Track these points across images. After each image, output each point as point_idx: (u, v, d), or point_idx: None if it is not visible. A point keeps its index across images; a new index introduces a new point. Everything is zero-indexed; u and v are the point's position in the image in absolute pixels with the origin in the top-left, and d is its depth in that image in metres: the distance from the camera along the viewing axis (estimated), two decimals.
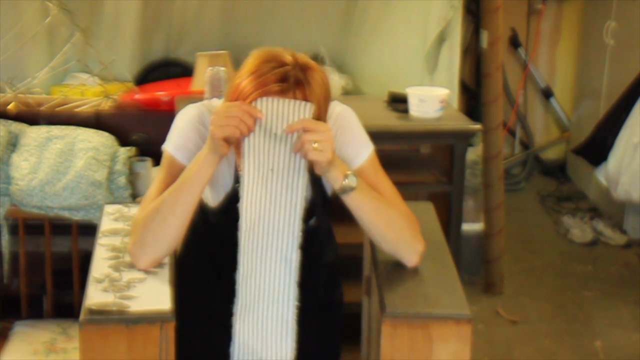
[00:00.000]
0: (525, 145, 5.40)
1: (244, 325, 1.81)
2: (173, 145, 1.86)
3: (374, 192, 1.84)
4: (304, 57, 1.78)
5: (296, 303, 1.79)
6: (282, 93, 1.74)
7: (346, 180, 1.77)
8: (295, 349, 1.82)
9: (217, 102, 1.92)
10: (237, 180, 1.82)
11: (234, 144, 1.76)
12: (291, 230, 1.76)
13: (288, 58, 1.76)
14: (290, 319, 1.80)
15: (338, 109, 1.93)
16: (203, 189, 1.78)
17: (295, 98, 1.74)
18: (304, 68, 1.76)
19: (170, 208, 1.77)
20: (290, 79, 1.74)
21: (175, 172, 1.83)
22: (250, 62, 1.77)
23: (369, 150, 1.90)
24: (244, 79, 1.75)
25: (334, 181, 1.77)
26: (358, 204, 1.80)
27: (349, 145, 1.89)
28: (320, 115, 1.78)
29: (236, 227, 1.90)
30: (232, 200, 1.82)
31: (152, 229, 1.78)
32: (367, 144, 1.91)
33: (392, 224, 1.84)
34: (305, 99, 1.75)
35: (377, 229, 1.85)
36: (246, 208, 1.75)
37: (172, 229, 1.78)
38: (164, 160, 1.87)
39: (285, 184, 1.74)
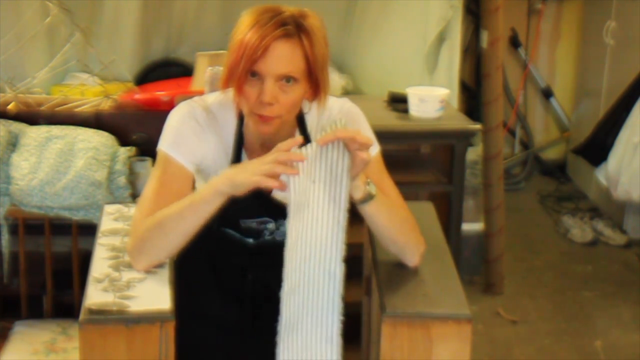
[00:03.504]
0: (525, 145, 5.40)
1: (289, 343, 1.70)
2: (168, 144, 1.84)
3: (386, 197, 1.82)
4: (296, 7, 1.77)
5: (341, 317, 1.70)
6: (287, 37, 1.72)
7: (367, 187, 1.74)
8: None
9: (210, 97, 1.91)
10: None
11: None
12: (335, 243, 1.68)
13: (283, 8, 1.75)
14: (335, 334, 1.70)
15: (348, 105, 1.93)
16: (211, 214, 1.74)
17: (301, 43, 1.73)
18: (301, 15, 1.75)
19: (175, 226, 1.74)
20: (292, 24, 1.73)
21: (172, 171, 1.83)
22: (246, 19, 1.75)
23: (375, 149, 1.90)
24: (247, 33, 1.72)
25: (356, 190, 1.73)
26: (376, 211, 1.78)
27: None
28: (324, 62, 1.78)
29: (232, 227, 1.90)
30: (231, 201, 1.81)
31: (152, 240, 1.77)
32: (374, 143, 1.91)
33: (402, 228, 1.84)
34: (311, 43, 1.73)
35: (390, 233, 1.84)
36: (292, 225, 1.68)
37: (174, 243, 1.77)
38: (159, 160, 1.85)
39: (329, 195, 1.67)
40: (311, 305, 1.68)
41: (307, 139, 1.89)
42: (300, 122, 1.89)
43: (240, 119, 1.86)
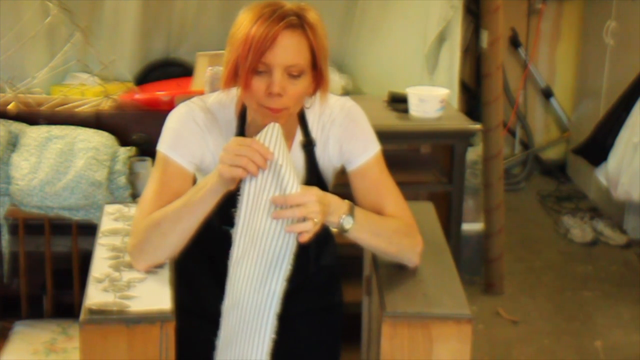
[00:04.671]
0: (525, 145, 5.40)
1: (226, 357, 1.73)
2: (166, 145, 1.84)
3: (371, 216, 1.83)
4: (294, 2, 1.78)
5: (273, 336, 1.70)
6: (293, 28, 1.73)
7: (341, 222, 1.75)
8: None
9: (209, 97, 1.91)
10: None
11: None
12: (280, 264, 1.69)
13: (282, 2, 1.76)
14: (264, 353, 1.70)
15: (350, 104, 1.94)
16: (207, 214, 1.75)
17: (305, 34, 1.74)
18: (301, 8, 1.76)
19: (171, 226, 1.75)
20: (295, 17, 1.74)
21: (171, 172, 1.83)
22: (247, 15, 1.75)
23: (376, 149, 1.91)
24: (252, 27, 1.72)
25: (330, 224, 1.76)
26: (357, 237, 1.80)
27: (358, 139, 1.90)
28: (326, 54, 1.79)
29: (233, 225, 1.90)
30: (230, 199, 1.81)
31: (151, 240, 1.78)
32: (375, 142, 1.92)
33: (391, 241, 1.84)
34: (314, 34, 1.75)
35: (378, 249, 1.86)
36: (240, 236, 1.70)
37: (172, 243, 1.78)
38: (158, 161, 1.85)
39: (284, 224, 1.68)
40: (249, 321, 1.70)
41: (308, 135, 1.89)
42: (302, 118, 1.89)
43: (241, 117, 1.86)
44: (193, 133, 1.85)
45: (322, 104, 1.87)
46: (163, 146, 1.85)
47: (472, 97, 4.64)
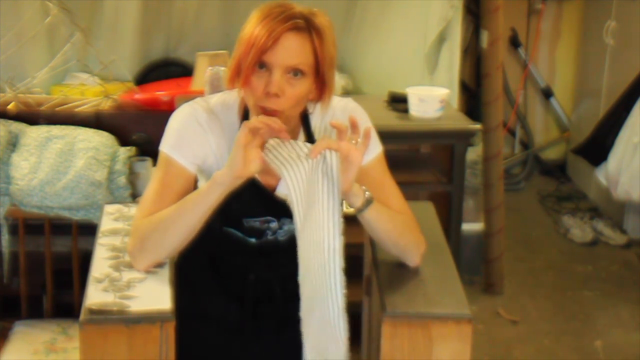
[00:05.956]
0: (525, 145, 5.40)
1: (310, 325, 1.71)
2: (169, 145, 1.84)
3: (383, 204, 1.83)
4: (306, 6, 1.78)
5: (344, 291, 1.68)
6: (297, 30, 1.72)
7: (367, 194, 1.75)
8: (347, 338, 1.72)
9: (212, 98, 1.90)
10: None
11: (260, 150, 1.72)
12: (332, 217, 1.66)
13: (294, 4, 1.76)
14: (340, 310, 1.69)
15: (352, 105, 1.94)
16: (210, 210, 1.74)
17: (310, 38, 1.74)
18: (311, 13, 1.76)
19: (175, 221, 1.74)
20: (302, 20, 1.73)
21: (173, 172, 1.83)
22: (256, 14, 1.76)
23: (378, 149, 1.91)
24: (257, 26, 1.72)
25: (356, 198, 1.74)
26: (377, 215, 1.78)
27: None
28: (332, 62, 1.79)
29: (234, 226, 1.90)
30: (231, 201, 1.81)
31: (153, 238, 1.77)
32: (377, 143, 1.92)
33: (403, 231, 1.84)
34: (320, 40, 1.74)
35: (391, 239, 1.84)
36: (297, 207, 1.67)
37: (174, 240, 1.77)
38: (160, 161, 1.85)
39: (327, 187, 1.68)
40: (319, 285, 1.67)
41: (310, 138, 1.89)
42: (305, 121, 1.89)
43: (244, 119, 1.86)
44: (196, 133, 1.84)
45: (325, 107, 1.87)
46: (165, 146, 1.85)
47: (472, 97, 4.64)
